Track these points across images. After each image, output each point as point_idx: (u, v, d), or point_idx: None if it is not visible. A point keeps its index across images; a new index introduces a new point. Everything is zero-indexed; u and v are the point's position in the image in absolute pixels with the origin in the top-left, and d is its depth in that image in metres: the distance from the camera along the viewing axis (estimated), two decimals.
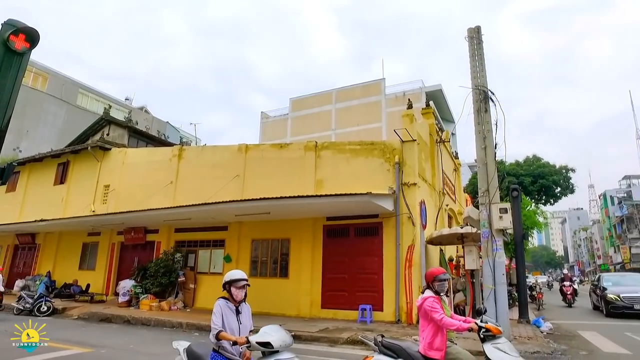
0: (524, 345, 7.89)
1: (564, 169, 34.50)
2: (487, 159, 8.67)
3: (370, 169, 11.81)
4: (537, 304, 17.17)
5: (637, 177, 71.36)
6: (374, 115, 36.44)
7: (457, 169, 19.06)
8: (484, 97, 9.02)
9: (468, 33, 9.90)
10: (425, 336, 4.01)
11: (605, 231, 72.13)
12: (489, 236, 8.31)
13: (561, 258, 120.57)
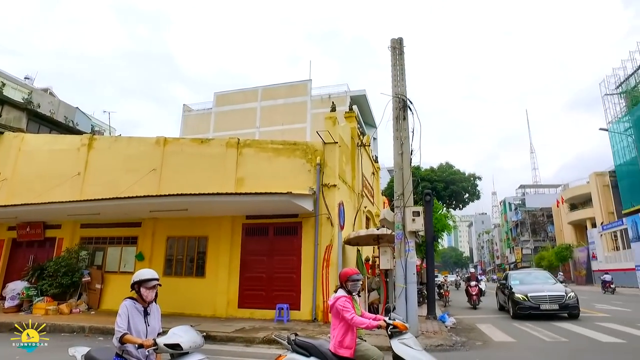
0: (430, 339, 8.42)
1: (472, 177, 37.57)
2: (403, 164, 9.12)
3: (291, 169, 11.87)
4: (444, 301, 18.47)
5: (530, 186, 79.94)
6: (299, 115, 36.70)
7: (376, 173, 19.84)
8: (403, 106, 9.48)
9: (391, 43, 10.33)
10: (336, 334, 4.10)
11: (504, 234, 79.81)
12: (403, 237, 8.75)
13: (467, 258, 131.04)
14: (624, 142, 36.68)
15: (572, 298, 11.76)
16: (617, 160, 39.57)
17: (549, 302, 11.66)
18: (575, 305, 11.77)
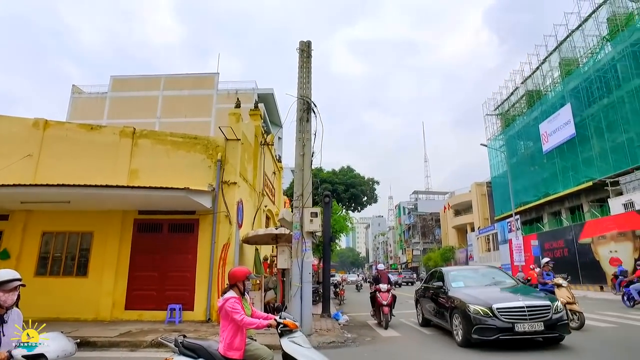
0: (323, 337, 8.68)
1: (371, 181, 39.63)
2: (304, 166, 9.30)
3: (191, 164, 11.40)
4: (339, 299, 19.20)
5: (423, 192, 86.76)
6: (203, 109, 35.45)
7: (279, 172, 19.94)
8: (307, 108, 9.67)
9: (299, 46, 10.48)
10: (225, 336, 4.02)
11: (397, 236, 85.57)
12: (300, 238, 8.91)
13: (364, 259, 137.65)
14: (499, 157, 41.73)
15: (560, 310, 7.30)
16: (493, 172, 44.89)
17: (529, 319, 6.98)
18: (565, 321, 7.30)
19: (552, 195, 33.79)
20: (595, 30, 30.24)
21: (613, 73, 27.56)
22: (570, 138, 30.88)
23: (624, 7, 28.41)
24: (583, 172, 29.90)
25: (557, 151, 32.86)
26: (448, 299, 8.43)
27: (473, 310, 7.29)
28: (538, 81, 37.74)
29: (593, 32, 30.47)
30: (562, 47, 33.70)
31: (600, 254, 23.15)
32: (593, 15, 30.22)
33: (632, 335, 8.74)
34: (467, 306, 7.44)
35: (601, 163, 28.01)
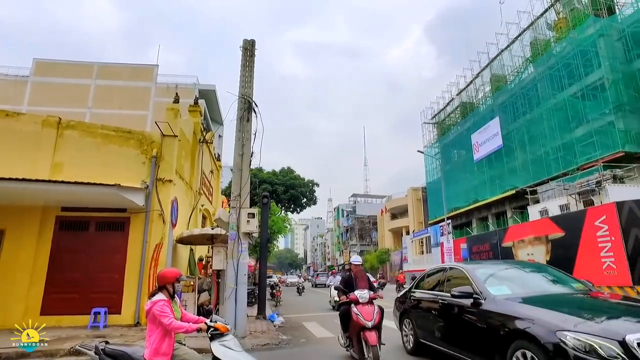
0: (257, 339, 8.58)
1: (311, 183, 39.90)
2: (242, 166, 9.16)
3: (123, 159, 10.78)
4: (275, 300, 19.11)
5: (361, 195, 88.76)
6: (140, 102, 33.77)
7: (217, 171, 19.47)
8: (248, 107, 9.54)
9: (243, 44, 10.31)
10: (152, 341, 3.83)
11: (335, 238, 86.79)
12: (236, 238, 8.76)
13: (302, 260, 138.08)
14: (434, 164, 43.81)
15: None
16: (428, 178, 47.00)
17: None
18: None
19: (480, 202, 36.05)
20: (521, 51, 32.81)
21: (534, 92, 30.06)
22: (498, 149, 33.16)
23: (544, 34, 31.08)
24: (508, 181, 32.22)
25: (486, 160, 35.14)
26: (489, 318, 4.90)
27: (575, 344, 3.73)
28: (471, 94, 40.17)
29: (519, 53, 33.02)
30: (492, 64, 36.15)
31: (519, 256, 24.96)
32: (519, 38, 32.77)
33: None
34: (558, 335, 3.87)
35: (523, 173, 30.36)
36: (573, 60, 26.32)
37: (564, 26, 28.97)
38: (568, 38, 27.30)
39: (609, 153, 23.15)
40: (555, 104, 27.65)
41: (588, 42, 25.51)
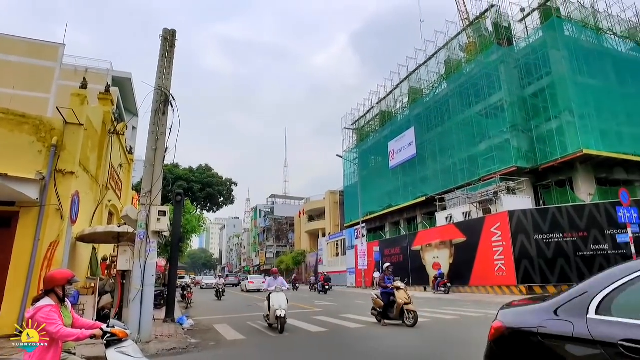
0: (163, 344, 8.12)
1: (229, 182, 39.00)
2: (155, 161, 8.65)
3: (14, 146, 9.55)
4: (186, 302, 18.32)
5: (280, 197, 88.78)
6: (41, 83, 30.38)
7: (129, 165, 18.20)
8: (165, 100, 9.05)
9: (163, 33, 9.78)
10: (34, 352, 3.36)
11: (252, 238, 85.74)
12: (145, 237, 8.24)
13: (217, 260, 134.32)
14: (352, 168, 45.23)
15: None
16: (346, 182, 48.40)
17: None
18: None
19: (394, 207, 37.97)
20: (437, 68, 35.27)
21: (447, 106, 32.46)
22: (412, 158, 35.22)
23: (457, 54, 33.75)
24: (419, 188, 34.33)
25: (401, 168, 37.12)
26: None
27: None
28: (390, 104, 42.22)
29: (435, 69, 35.48)
30: (411, 77, 38.37)
31: (426, 259, 26.72)
32: (435, 55, 35.19)
33: (452, 325, 10.25)
34: None
35: (433, 181, 32.58)
36: (480, 81, 28.87)
37: (473, 50, 31.71)
38: (476, 61, 29.90)
39: (505, 167, 25.73)
40: (464, 119, 30.09)
41: (492, 66, 28.18)
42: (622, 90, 26.95)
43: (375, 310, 11.30)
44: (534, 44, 27.82)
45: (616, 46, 29.24)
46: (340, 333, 9.78)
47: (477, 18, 32.01)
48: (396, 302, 10.55)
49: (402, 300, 10.44)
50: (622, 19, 30.29)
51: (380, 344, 8.12)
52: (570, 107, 24.35)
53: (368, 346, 8.03)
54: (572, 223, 19.44)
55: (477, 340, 8.34)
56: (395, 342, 8.27)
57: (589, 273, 18.70)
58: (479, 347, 7.61)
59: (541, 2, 28.27)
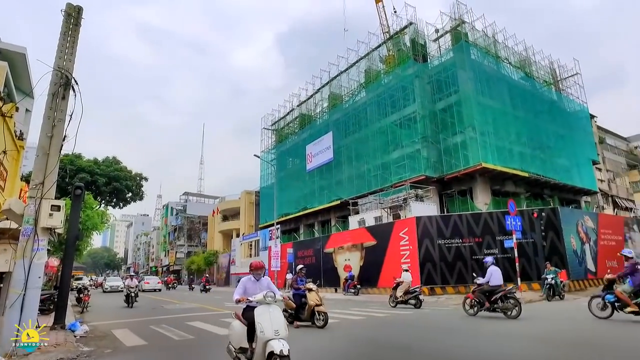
0: (48, 354, 7.27)
1: (139, 177, 36.60)
2: (51, 149, 7.75)
3: None
4: (82, 306, 16.82)
5: (194, 194, 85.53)
6: None
7: (17, 151, 16.10)
8: (66, 83, 8.18)
9: (66, 8, 8.84)
10: None
11: (162, 237, 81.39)
12: (32, 234, 7.33)
13: (121, 260, 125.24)
14: (270, 169, 44.98)
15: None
16: (262, 183, 48.00)
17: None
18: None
19: (309, 209, 38.44)
20: (357, 76, 36.48)
21: (364, 114, 33.71)
22: (329, 162, 35.97)
23: (376, 65, 35.28)
24: (334, 192, 35.16)
25: (318, 171, 37.72)
26: None
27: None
28: (311, 107, 42.75)
29: (355, 77, 36.67)
30: (332, 83, 39.23)
31: (338, 261, 27.42)
32: (356, 64, 36.40)
33: (362, 325, 10.55)
34: None
35: (348, 186, 33.57)
36: (396, 92, 30.43)
37: (392, 62, 33.34)
38: (394, 73, 31.48)
39: (415, 175, 27.36)
40: (380, 127, 31.47)
41: (408, 80, 29.87)
42: (514, 113, 30.16)
43: (286, 311, 11.29)
44: (445, 63, 30.02)
45: (510, 74, 32.63)
46: None
47: (396, 33, 33.71)
48: (307, 304, 10.64)
49: (314, 301, 10.56)
50: (515, 51, 33.93)
51: (290, 346, 8.10)
52: (473, 124, 26.64)
53: None
54: (470, 229, 21.27)
55: (381, 339, 8.74)
56: (305, 344, 8.31)
57: (482, 274, 20.63)
58: (381, 346, 7.98)
59: (453, 26, 30.61)
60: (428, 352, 7.36)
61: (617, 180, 47.99)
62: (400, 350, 7.62)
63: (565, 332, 9.11)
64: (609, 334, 8.73)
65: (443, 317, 12.36)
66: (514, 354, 6.99)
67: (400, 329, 10.27)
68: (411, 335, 9.24)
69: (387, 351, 7.56)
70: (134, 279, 19.91)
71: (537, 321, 10.94)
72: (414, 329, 10.20)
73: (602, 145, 46.67)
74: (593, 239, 23.27)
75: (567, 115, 35.90)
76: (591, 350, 7.18)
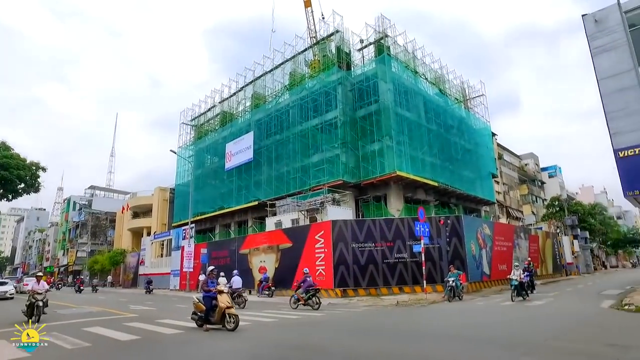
0: None
1: (35, 167, 32.93)
2: None
3: None
4: None
5: (101, 189, 79.27)
6: None
7: None
8: None
9: None
10: None
11: (61, 234, 74.08)
12: None
13: (6, 260, 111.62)
14: (187, 166, 43.17)
15: None
16: (178, 180, 45.91)
17: None
18: None
19: (226, 209, 37.49)
20: (282, 78, 36.41)
21: (287, 116, 33.76)
22: (248, 162, 35.40)
23: (302, 68, 35.56)
24: (253, 193, 34.68)
25: (237, 171, 36.94)
26: None
27: None
28: (233, 105, 41.79)
29: (280, 79, 36.56)
30: (256, 82, 38.73)
31: (253, 263, 27.03)
32: (281, 66, 36.34)
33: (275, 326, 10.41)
34: None
35: (267, 187, 33.32)
36: (319, 97, 30.89)
37: (317, 67, 33.81)
38: (318, 78, 31.93)
39: (333, 180, 27.97)
40: (301, 130, 31.69)
41: (331, 86, 30.47)
42: (427, 126, 32.22)
43: (195, 314, 10.92)
44: (367, 72, 31.13)
45: (426, 89, 34.86)
46: (154, 340, 9.05)
47: (323, 39, 34.27)
48: (218, 306, 10.35)
49: (224, 304, 10.31)
50: (431, 69, 36.36)
51: (199, 351, 7.77)
52: (391, 134, 27.93)
53: (184, 353, 7.60)
54: (383, 234, 22.19)
55: (291, 341, 8.70)
56: (213, 349, 8.06)
57: (392, 278, 21.66)
58: (291, 348, 7.94)
59: (376, 39, 31.91)
60: (336, 352, 7.47)
61: (511, 193, 53.45)
62: (310, 351, 7.65)
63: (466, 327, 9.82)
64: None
65: (354, 317, 12.69)
66: (414, 351, 7.36)
67: (311, 330, 10.34)
68: (322, 336, 9.34)
69: (297, 352, 7.55)
70: (41, 281, 13.40)
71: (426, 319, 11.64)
72: (325, 330, 10.33)
73: (501, 161, 51.68)
74: (489, 245, 25.56)
75: (473, 132, 39.18)
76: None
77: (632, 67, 13.43)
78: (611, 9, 16.69)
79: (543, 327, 9.67)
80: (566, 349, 7.15)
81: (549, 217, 53.70)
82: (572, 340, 7.98)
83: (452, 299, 17.50)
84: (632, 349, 7.01)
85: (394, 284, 21.63)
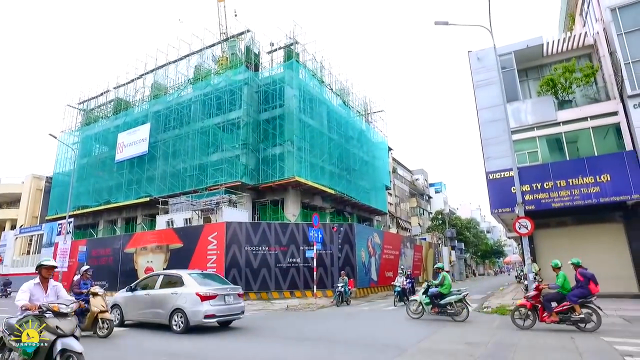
0: None
1: None
2: None
3: None
4: None
5: None
6: None
7: None
8: None
9: None
10: None
11: None
12: None
13: None
14: (69, 153, 38.92)
15: None
16: (57, 168, 41.17)
17: None
18: None
19: (112, 204, 34.53)
20: (186, 71, 34.83)
21: (188, 111, 32.33)
22: (142, 155, 33.08)
23: (208, 63, 34.45)
24: (144, 188, 32.47)
25: (128, 163, 34.28)
26: None
27: None
28: (130, 93, 38.79)
29: (184, 71, 34.93)
30: (158, 72, 36.45)
31: (139, 263, 25.27)
32: (187, 58, 34.78)
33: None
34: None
35: (160, 183, 31.45)
36: (224, 95, 30.15)
37: (224, 64, 33.00)
38: (224, 75, 31.17)
39: (231, 181, 27.46)
40: (202, 127, 30.58)
41: (237, 85, 29.98)
42: (329, 135, 33.31)
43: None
44: (275, 76, 31.22)
45: (331, 99, 36.06)
46: None
47: (233, 36, 33.62)
48: (90, 310, 9.50)
49: (98, 308, 9.52)
50: (337, 80, 37.79)
51: None
52: (292, 139, 28.29)
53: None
54: (277, 238, 22.33)
55: (168, 349, 8.29)
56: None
57: (284, 282, 21.85)
58: (172, 355, 7.57)
59: (286, 44, 32.20)
60: (219, 356, 7.32)
61: (402, 205, 57.52)
62: (192, 358, 7.39)
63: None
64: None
65: (237, 323, 12.49)
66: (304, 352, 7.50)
67: (196, 336, 9.95)
68: (207, 342, 9.05)
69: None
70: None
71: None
72: (210, 335, 10.00)
73: (394, 174, 55.36)
74: (378, 253, 27.17)
75: (371, 145, 41.46)
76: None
77: (502, 103, 15.46)
78: (490, 50, 19.10)
79: (417, 330, 10.55)
80: (431, 349, 7.88)
81: (433, 229, 58.94)
82: (438, 341, 8.82)
83: (340, 303, 18.21)
84: (481, 345, 8.04)
85: (286, 288, 21.87)
